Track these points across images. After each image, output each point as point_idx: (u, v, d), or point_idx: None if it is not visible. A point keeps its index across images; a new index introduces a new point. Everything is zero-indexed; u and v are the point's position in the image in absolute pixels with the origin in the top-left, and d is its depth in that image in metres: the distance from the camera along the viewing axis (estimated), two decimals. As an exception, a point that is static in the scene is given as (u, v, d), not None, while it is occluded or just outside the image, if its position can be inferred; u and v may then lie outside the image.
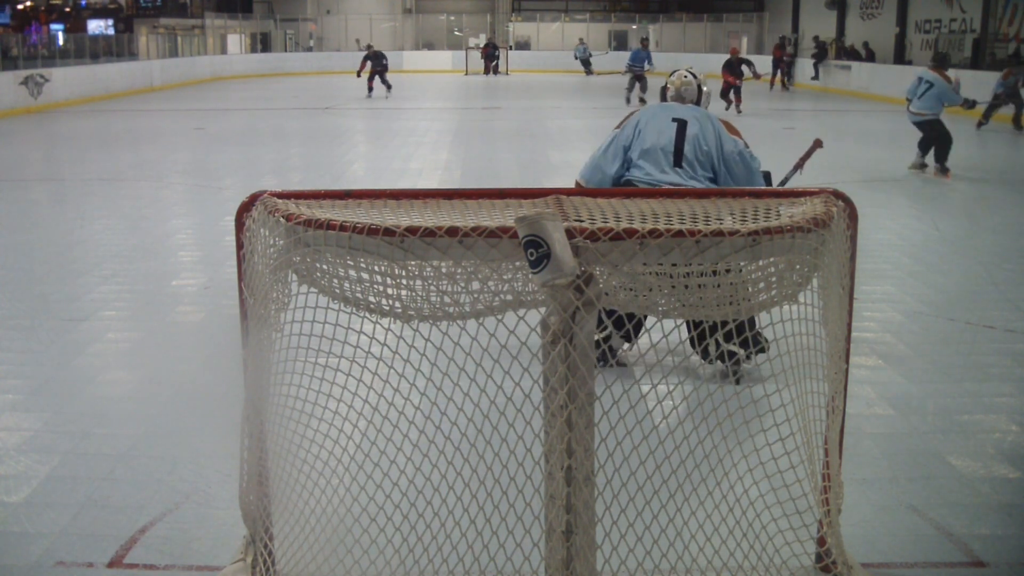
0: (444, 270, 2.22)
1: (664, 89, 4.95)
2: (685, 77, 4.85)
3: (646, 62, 21.38)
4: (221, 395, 4.09)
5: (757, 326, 4.07)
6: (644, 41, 23.07)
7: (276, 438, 2.67)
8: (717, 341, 4.05)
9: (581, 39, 36.99)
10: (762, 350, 3.97)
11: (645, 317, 3.96)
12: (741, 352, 4.20)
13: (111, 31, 35.93)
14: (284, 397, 2.59)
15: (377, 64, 23.03)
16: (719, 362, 4.33)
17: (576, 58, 33.79)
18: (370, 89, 23.23)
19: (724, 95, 18.92)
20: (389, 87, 23.41)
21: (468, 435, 2.44)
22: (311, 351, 2.49)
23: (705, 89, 4.90)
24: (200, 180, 10.83)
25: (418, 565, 2.64)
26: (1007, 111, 16.13)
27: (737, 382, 4.18)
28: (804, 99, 24.21)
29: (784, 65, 27.31)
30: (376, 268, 2.22)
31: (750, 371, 4.47)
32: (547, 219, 2.02)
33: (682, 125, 4.53)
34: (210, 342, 5.08)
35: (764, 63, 29.80)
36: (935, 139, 11.26)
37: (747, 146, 4.59)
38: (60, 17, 37.58)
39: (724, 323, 2.79)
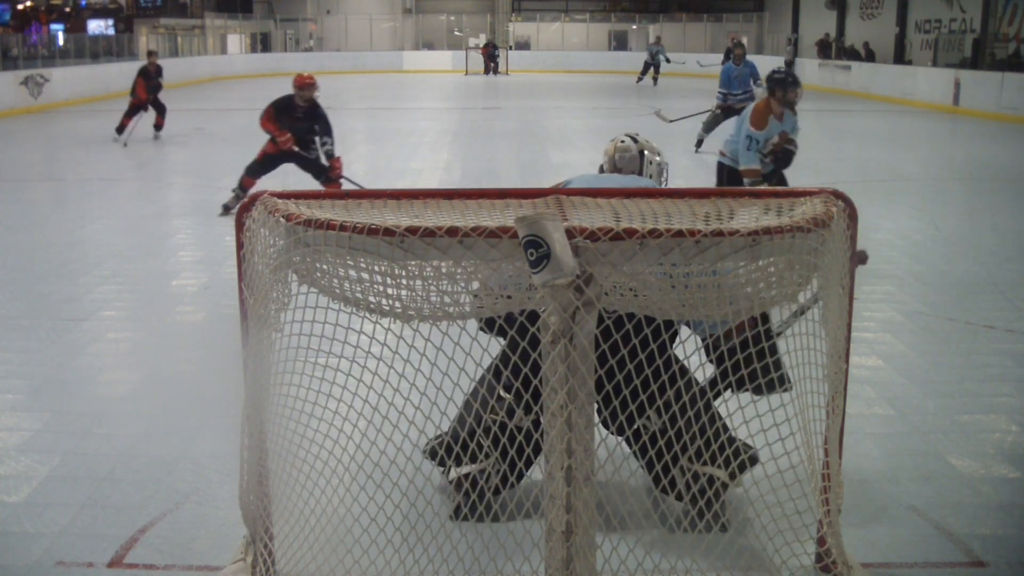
0: (444, 270, 2.23)
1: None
2: (622, 143, 3.74)
3: (751, 83, 12.34)
4: (221, 395, 4.09)
5: (733, 434, 2.88)
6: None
7: (276, 438, 2.67)
8: (684, 468, 2.78)
9: (658, 37, 29.55)
10: (755, 461, 2.91)
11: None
12: (722, 475, 2.88)
13: (111, 31, 35.88)
14: (284, 397, 2.59)
15: (149, 85, 14.08)
16: (693, 500, 2.77)
17: (651, 57, 26.59)
18: (121, 128, 13.87)
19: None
20: (159, 126, 14.34)
21: (468, 435, 2.44)
22: (311, 351, 2.49)
23: (655, 158, 3.73)
24: (200, 180, 10.83)
25: (418, 565, 2.64)
26: None
27: (723, 528, 2.81)
28: (804, 99, 24.15)
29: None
30: (376, 268, 2.23)
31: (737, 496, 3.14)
32: (547, 219, 2.03)
33: None
34: (210, 342, 5.08)
35: (768, 63, 29.66)
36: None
37: None
38: (60, 17, 37.53)
39: (691, 435, 2.31)
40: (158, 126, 14.40)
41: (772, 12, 37.58)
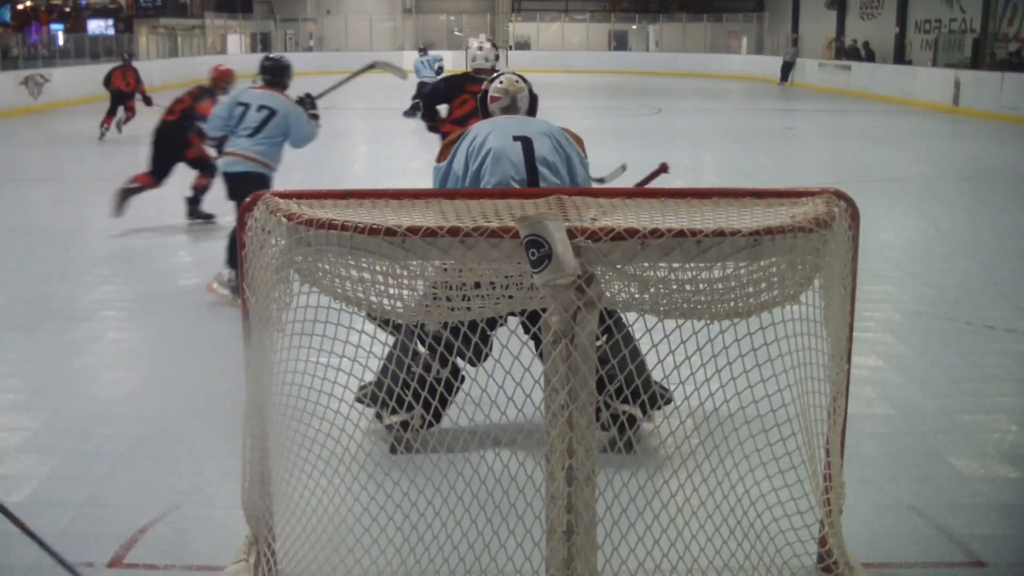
0: (446, 270, 2.22)
1: (487, 99, 3.94)
2: (517, 82, 3.95)
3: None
4: (221, 395, 4.09)
5: (651, 376, 3.41)
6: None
7: (278, 438, 2.67)
8: (606, 402, 3.02)
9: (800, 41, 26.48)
10: (669, 401, 3.49)
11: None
12: (639, 413, 3.45)
13: (111, 31, 35.86)
14: (286, 396, 2.59)
15: None
16: (611, 428, 3.16)
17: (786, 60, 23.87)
18: None
19: None
20: None
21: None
22: (312, 351, 2.49)
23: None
24: (200, 180, 10.80)
25: (419, 565, 2.64)
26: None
27: (628, 447, 2.95)
28: (804, 99, 24.20)
29: None
30: (377, 268, 2.22)
31: (648, 430, 3.64)
32: (548, 219, 2.02)
33: (527, 145, 3.58)
34: (210, 342, 5.08)
35: (767, 63, 29.68)
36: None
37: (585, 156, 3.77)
38: (60, 17, 37.50)
39: (611, 378, 2.49)
40: None
41: (772, 12, 37.55)
